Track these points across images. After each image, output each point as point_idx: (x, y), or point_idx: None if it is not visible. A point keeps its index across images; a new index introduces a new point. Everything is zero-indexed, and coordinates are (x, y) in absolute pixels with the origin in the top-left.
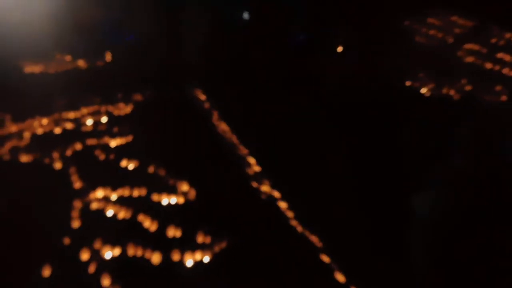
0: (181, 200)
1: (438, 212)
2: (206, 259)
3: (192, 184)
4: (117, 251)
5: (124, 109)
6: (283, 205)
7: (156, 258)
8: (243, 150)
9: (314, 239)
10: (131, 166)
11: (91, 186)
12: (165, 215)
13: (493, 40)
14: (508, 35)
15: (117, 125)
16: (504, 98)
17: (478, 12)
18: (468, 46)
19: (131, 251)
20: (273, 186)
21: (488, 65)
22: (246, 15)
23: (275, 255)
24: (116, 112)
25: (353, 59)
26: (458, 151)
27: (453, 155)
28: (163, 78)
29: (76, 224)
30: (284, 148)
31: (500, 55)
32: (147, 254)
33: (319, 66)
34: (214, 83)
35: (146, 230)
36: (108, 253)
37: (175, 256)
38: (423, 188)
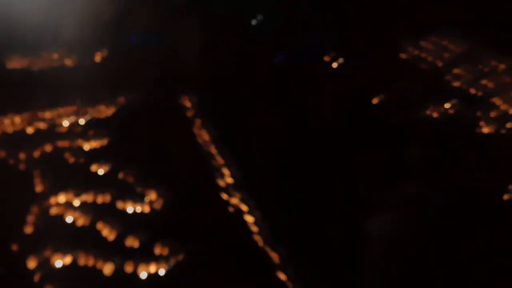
0: (146, 209)
1: (393, 234)
2: (162, 271)
3: (160, 193)
4: (68, 260)
5: (105, 111)
6: (249, 219)
7: (108, 268)
8: (220, 161)
9: (273, 255)
10: (101, 171)
11: (54, 190)
12: (126, 224)
13: (480, 67)
14: (494, 63)
15: (94, 127)
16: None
17: (469, 38)
18: (456, 71)
19: (82, 260)
20: (243, 200)
21: (472, 91)
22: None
23: (231, 270)
24: (96, 114)
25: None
26: (413, 175)
27: (408, 179)
28: (152, 82)
29: (29, 229)
30: (261, 162)
31: (484, 81)
32: (99, 264)
33: (311, 81)
34: (203, 91)
35: (103, 239)
36: (59, 262)
37: (128, 268)
38: (380, 210)
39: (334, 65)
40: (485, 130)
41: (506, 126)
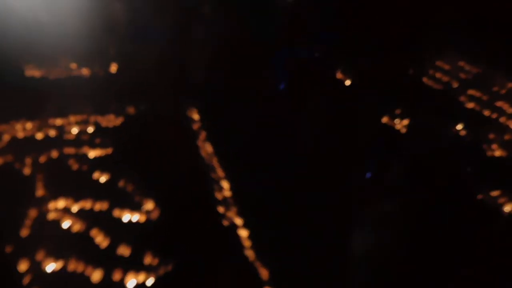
0: (142, 218)
1: (373, 250)
2: (150, 281)
3: (158, 203)
4: (59, 265)
5: (114, 121)
6: (243, 233)
7: (96, 275)
8: (220, 173)
9: (263, 271)
10: (103, 179)
11: (54, 195)
12: (120, 232)
13: (495, 88)
14: (510, 85)
15: (101, 136)
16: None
17: (485, 58)
18: (471, 92)
19: (72, 266)
20: (239, 213)
21: (487, 112)
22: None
23: (219, 283)
24: (104, 123)
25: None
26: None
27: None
28: (162, 94)
29: (25, 232)
30: (261, 178)
31: (499, 103)
32: (88, 271)
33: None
34: (212, 104)
35: (96, 246)
36: (50, 266)
37: (117, 276)
38: (360, 227)
39: (347, 82)
40: (498, 153)
41: None
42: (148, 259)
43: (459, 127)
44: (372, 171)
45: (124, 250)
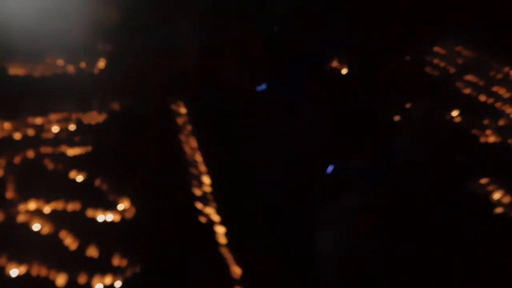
0: (117, 217)
1: (341, 249)
2: (118, 283)
3: (134, 202)
4: (23, 269)
5: (97, 117)
6: (220, 230)
7: (61, 279)
8: (202, 168)
9: (236, 269)
10: (79, 178)
11: (25, 197)
12: (91, 233)
13: (492, 73)
14: (507, 69)
15: (82, 134)
16: None
17: (483, 43)
18: (468, 77)
19: (35, 270)
20: (218, 210)
21: (483, 98)
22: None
23: (189, 283)
24: (86, 121)
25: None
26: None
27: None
28: (149, 88)
29: None
30: (244, 173)
31: (496, 88)
32: (52, 275)
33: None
34: (200, 98)
35: (65, 248)
36: (14, 271)
37: (82, 279)
38: (327, 225)
39: (344, 71)
40: (491, 139)
41: None
42: (116, 261)
43: (455, 113)
44: (336, 165)
45: (93, 252)
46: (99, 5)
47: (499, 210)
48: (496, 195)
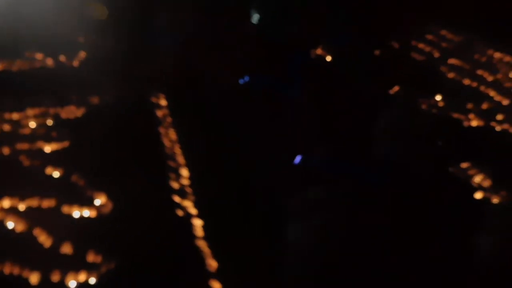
0: (93, 213)
1: (309, 242)
2: (92, 280)
3: (110, 197)
4: None
5: (75, 112)
6: (197, 222)
7: (34, 278)
8: (180, 160)
9: (212, 262)
10: (56, 174)
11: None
12: (66, 229)
13: (476, 56)
14: (491, 52)
15: (60, 129)
16: None
17: (467, 26)
18: (452, 61)
19: (7, 269)
20: (196, 203)
21: (467, 81)
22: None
23: (164, 277)
24: (64, 115)
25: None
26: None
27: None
28: (128, 81)
29: None
30: (224, 165)
31: (480, 72)
32: (25, 273)
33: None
34: (181, 91)
35: (39, 245)
36: None
37: (56, 276)
38: (294, 218)
39: (328, 58)
40: (474, 123)
41: (496, 119)
42: (91, 257)
43: (438, 97)
44: (304, 155)
45: (67, 249)
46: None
47: (479, 194)
48: (477, 179)
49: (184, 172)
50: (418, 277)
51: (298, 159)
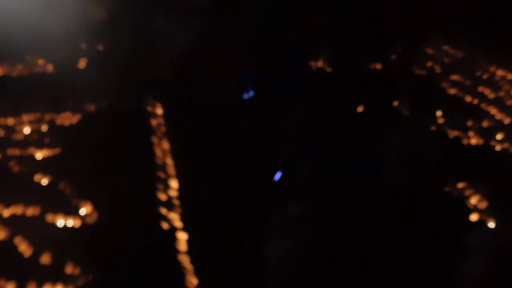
0: (78, 223)
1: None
2: None
3: (96, 206)
4: None
5: (70, 118)
6: (182, 236)
7: None
8: (171, 171)
9: (192, 279)
10: (44, 181)
11: None
12: (48, 239)
13: (478, 73)
14: (493, 69)
15: (53, 135)
16: None
17: (470, 42)
18: (454, 77)
19: None
20: (182, 215)
21: (468, 98)
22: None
23: None
24: (59, 122)
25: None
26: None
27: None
28: (125, 88)
29: None
30: (214, 179)
31: (481, 88)
32: (1, 283)
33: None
34: (177, 100)
35: (18, 255)
36: None
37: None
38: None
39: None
40: (473, 141)
41: (496, 138)
42: (69, 269)
43: (438, 114)
44: (283, 171)
45: (46, 259)
46: (81, 6)
47: (474, 216)
48: (473, 200)
49: (173, 183)
50: None
51: (278, 175)
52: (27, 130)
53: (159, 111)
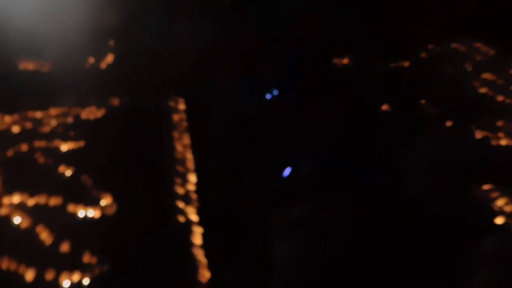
0: (98, 213)
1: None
2: (86, 281)
3: (116, 198)
4: None
5: (95, 113)
6: (197, 230)
7: (29, 275)
8: (190, 166)
9: (206, 273)
10: (68, 172)
11: (11, 189)
12: (68, 228)
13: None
14: None
15: (78, 129)
16: None
17: (502, 40)
18: (486, 75)
19: (5, 264)
20: (199, 210)
21: (500, 98)
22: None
23: (156, 283)
24: (84, 116)
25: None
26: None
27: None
28: (148, 84)
29: None
30: (232, 175)
31: None
32: (21, 269)
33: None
34: (200, 96)
35: (40, 243)
36: None
37: (49, 275)
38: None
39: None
40: (503, 142)
41: None
42: (86, 258)
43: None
44: (293, 167)
45: (65, 248)
46: (105, 6)
47: (499, 220)
48: (499, 203)
49: (192, 177)
50: None
51: (287, 171)
52: (53, 123)
53: (182, 106)
